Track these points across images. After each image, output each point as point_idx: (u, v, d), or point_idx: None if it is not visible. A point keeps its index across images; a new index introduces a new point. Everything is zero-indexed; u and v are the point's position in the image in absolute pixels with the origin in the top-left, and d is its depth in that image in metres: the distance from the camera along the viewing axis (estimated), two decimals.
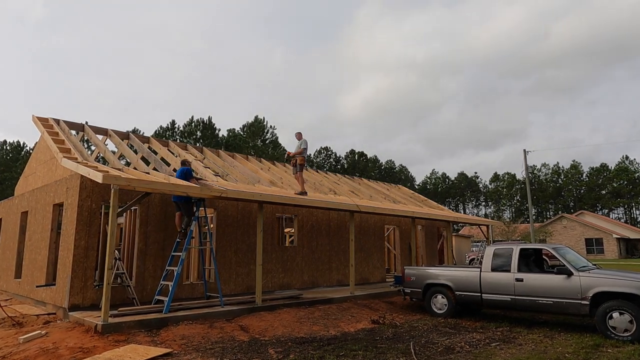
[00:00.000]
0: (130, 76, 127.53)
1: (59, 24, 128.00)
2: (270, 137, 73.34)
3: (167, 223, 10.69)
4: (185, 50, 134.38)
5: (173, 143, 14.14)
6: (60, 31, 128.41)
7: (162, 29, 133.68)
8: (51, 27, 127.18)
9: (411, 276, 11.07)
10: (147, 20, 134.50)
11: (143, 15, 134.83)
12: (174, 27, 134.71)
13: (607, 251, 47.39)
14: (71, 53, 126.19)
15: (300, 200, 11.52)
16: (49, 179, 11.45)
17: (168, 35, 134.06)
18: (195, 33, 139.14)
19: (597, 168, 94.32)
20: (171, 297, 8.80)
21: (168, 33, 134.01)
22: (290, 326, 8.62)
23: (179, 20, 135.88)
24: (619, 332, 7.66)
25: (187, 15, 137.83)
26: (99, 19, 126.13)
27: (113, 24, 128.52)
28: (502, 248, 9.84)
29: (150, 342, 7.17)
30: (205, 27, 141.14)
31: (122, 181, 7.94)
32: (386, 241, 18.25)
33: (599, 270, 8.79)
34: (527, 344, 7.52)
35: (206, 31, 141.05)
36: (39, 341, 7.23)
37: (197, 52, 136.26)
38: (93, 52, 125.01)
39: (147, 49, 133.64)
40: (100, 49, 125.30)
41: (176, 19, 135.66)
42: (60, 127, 11.91)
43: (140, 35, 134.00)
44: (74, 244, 9.13)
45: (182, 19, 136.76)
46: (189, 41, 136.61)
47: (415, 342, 7.61)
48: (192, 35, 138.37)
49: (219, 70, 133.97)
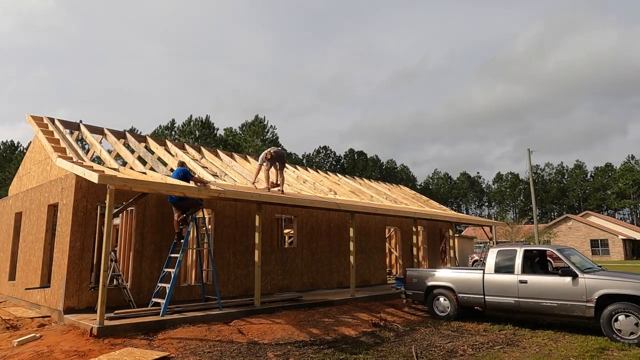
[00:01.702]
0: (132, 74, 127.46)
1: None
2: (270, 137, 73.34)
3: (164, 224, 10.69)
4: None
5: (170, 142, 14.13)
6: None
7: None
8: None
9: (413, 278, 11.07)
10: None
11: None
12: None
13: (612, 252, 47.39)
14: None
15: (300, 200, 11.51)
16: (43, 179, 11.44)
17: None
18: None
19: (602, 168, 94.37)
20: (168, 299, 8.79)
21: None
22: (290, 329, 8.61)
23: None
24: (625, 335, 7.66)
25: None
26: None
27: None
28: (506, 249, 9.84)
29: (147, 346, 7.17)
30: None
31: (118, 181, 7.94)
32: (387, 242, 18.25)
33: (605, 272, 8.79)
34: (531, 347, 7.52)
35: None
36: (33, 344, 7.22)
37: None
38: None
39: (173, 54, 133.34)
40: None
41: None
42: (55, 126, 11.90)
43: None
44: (69, 245, 9.13)
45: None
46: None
47: (417, 345, 7.61)
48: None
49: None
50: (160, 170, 11.14)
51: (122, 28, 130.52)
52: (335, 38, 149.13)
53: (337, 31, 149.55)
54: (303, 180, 16.02)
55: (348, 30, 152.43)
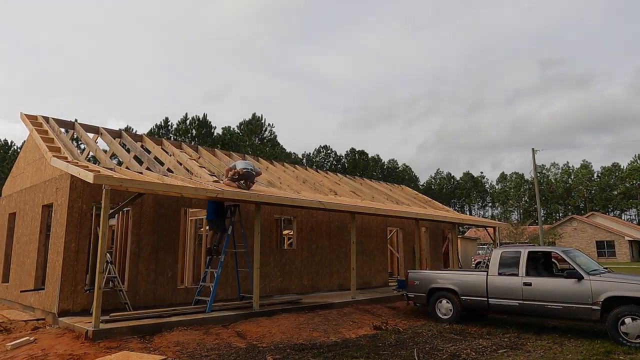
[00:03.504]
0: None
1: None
2: (268, 136, 73.43)
3: (160, 225, 10.70)
4: None
5: (167, 141, 14.14)
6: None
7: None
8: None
9: (415, 280, 11.07)
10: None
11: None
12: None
13: (619, 254, 47.42)
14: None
15: (300, 201, 11.51)
16: (37, 179, 11.44)
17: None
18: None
19: (609, 168, 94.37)
20: (212, 296, 9.62)
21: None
22: (289, 332, 8.62)
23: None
24: (632, 338, 7.66)
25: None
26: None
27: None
28: (510, 251, 9.85)
29: (143, 349, 7.18)
30: None
31: (114, 181, 7.94)
32: (389, 244, 18.25)
33: (611, 274, 8.79)
34: (536, 351, 7.52)
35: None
36: (27, 348, 7.23)
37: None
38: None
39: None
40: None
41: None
42: (49, 125, 11.90)
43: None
44: (63, 246, 9.13)
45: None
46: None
47: (419, 348, 7.61)
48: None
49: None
50: (157, 169, 11.14)
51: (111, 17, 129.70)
52: (326, 36, 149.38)
53: (330, 30, 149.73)
54: (303, 180, 16.03)
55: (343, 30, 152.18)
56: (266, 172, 15.20)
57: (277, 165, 17.59)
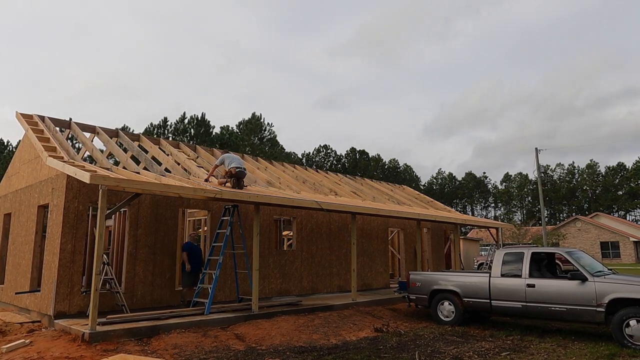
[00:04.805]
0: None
1: None
2: (267, 135, 73.41)
3: (158, 226, 10.70)
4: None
5: (165, 141, 14.15)
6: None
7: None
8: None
9: (416, 282, 11.08)
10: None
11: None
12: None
13: (623, 255, 47.40)
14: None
15: (299, 201, 11.52)
16: (33, 180, 11.45)
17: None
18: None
19: (614, 167, 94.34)
20: (211, 298, 9.62)
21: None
22: (289, 335, 8.63)
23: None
24: (637, 341, 7.66)
25: None
26: None
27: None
28: (513, 252, 9.85)
29: (141, 352, 7.18)
30: None
31: (110, 181, 7.95)
32: (390, 245, 18.26)
33: (615, 276, 8.79)
34: (539, 354, 7.52)
35: None
36: (22, 351, 7.23)
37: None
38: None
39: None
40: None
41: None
42: (45, 124, 11.91)
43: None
44: (59, 247, 9.14)
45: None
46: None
47: (420, 351, 7.61)
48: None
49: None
50: (154, 169, 11.14)
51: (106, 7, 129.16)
52: (327, 27, 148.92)
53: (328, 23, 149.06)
54: (302, 180, 16.03)
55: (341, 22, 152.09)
56: (265, 172, 15.21)
57: (277, 165, 17.60)
